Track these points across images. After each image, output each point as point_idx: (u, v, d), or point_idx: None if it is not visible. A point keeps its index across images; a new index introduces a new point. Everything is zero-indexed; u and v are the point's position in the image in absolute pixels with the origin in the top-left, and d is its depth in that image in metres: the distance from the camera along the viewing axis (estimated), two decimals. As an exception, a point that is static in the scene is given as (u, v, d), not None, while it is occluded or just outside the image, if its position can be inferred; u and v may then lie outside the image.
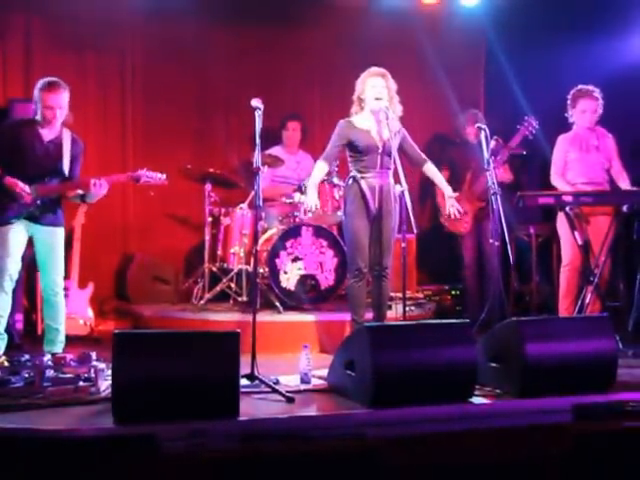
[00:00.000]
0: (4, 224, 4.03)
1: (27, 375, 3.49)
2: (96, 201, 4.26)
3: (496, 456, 3.02)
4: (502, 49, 6.13)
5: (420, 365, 3.35)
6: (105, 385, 3.44)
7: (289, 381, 3.76)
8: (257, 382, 3.60)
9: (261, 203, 3.94)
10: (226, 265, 5.51)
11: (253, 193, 4.26)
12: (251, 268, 5.02)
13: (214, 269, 5.51)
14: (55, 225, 4.17)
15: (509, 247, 4.30)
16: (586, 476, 2.95)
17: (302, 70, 6.36)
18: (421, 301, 5.80)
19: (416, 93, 5.40)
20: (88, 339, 4.99)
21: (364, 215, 4.38)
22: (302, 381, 3.75)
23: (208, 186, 5.57)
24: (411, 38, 6.22)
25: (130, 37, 5.99)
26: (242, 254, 5.42)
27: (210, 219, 5.59)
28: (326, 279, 5.23)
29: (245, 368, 3.49)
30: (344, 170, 4.69)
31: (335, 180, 5.28)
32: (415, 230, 4.19)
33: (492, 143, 4.65)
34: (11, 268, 4.04)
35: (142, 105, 6.31)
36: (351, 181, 4.47)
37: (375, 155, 4.38)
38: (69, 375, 3.47)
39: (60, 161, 4.12)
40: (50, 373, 3.46)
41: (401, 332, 3.55)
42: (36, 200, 4.04)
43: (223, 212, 5.60)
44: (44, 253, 4.16)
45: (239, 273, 5.43)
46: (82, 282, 5.22)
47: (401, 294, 4.35)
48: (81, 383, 3.43)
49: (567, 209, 4.72)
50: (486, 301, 4.58)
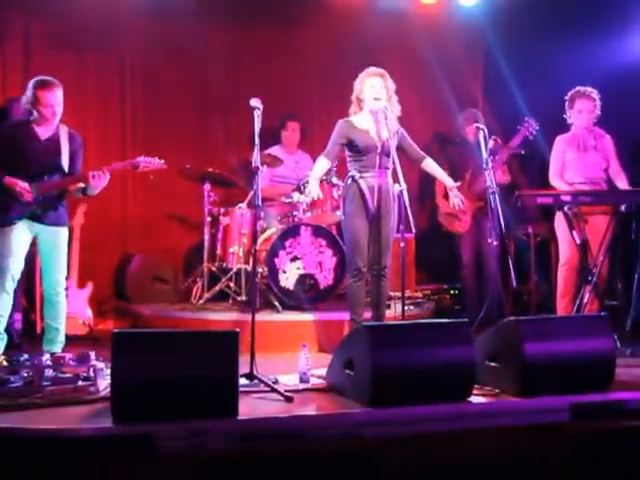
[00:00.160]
0: (7, 224, 4.03)
1: (26, 375, 3.48)
2: (97, 193, 4.23)
3: (494, 455, 3.03)
4: (501, 49, 6.14)
5: (419, 364, 3.35)
6: (104, 384, 3.44)
7: (288, 380, 3.76)
8: (256, 381, 3.61)
9: (260, 203, 3.94)
10: (225, 265, 5.51)
11: (252, 193, 4.26)
12: (250, 267, 5.03)
13: (213, 269, 5.52)
14: (59, 225, 4.17)
15: (507, 246, 4.31)
16: (584, 475, 2.96)
17: (301, 70, 6.37)
18: (420, 300, 5.81)
19: (415, 93, 5.41)
20: (87, 338, 5.00)
21: (363, 215, 4.39)
22: (301, 380, 3.75)
23: (207, 186, 5.57)
24: (410, 38, 6.23)
25: (129, 37, 5.99)
26: (241, 254, 5.42)
27: (209, 219, 5.59)
28: (325, 278, 5.24)
29: (244, 367, 3.49)
30: (343, 170, 4.70)
31: (334, 180, 5.28)
32: (414, 230, 4.19)
33: (491, 143, 4.65)
34: (13, 268, 4.04)
35: (141, 105, 6.33)
36: (350, 181, 4.47)
37: (374, 155, 4.39)
38: (68, 375, 3.46)
39: (59, 158, 4.12)
40: (49, 373, 3.45)
41: (400, 331, 3.55)
42: (37, 198, 4.04)
43: (222, 212, 5.61)
44: (47, 252, 4.15)
45: (238, 273, 5.43)
46: (81, 282, 5.23)
47: (400, 293, 4.36)
48: (80, 382, 3.43)
49: (565, 209, 4.73)
50: (484, 300, 4.58)
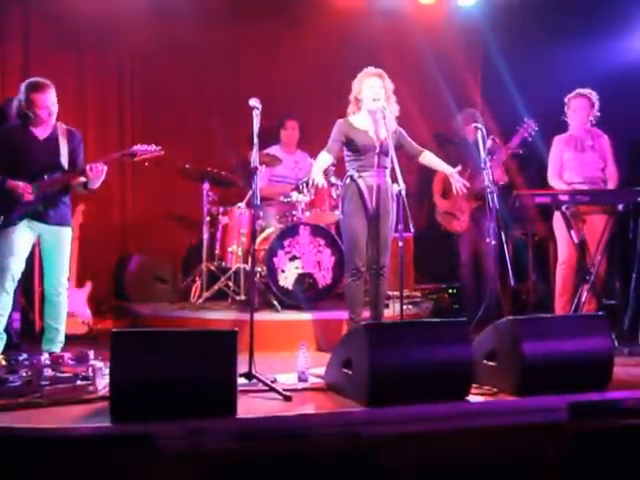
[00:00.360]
0: (9, 225, 4.03)
1: (25, 374, 3.48)
2: (98, 189, 4.23)
3: (493, 454, 3.04)
4: (499, 49, 6.14)
5: (417, 363, 3.35)
6: (103, 384, 3.44)
7: (286, 379, 3.77)
8: (255, 380, 3.61)
9: (259, 202, 3.95)
10: (224, 264, 5.51)
11: (251, 192, 4.26)
12: (249, 267, 5.03)
13: (212, 268, 5.52)
14: (62, 224, 4.16)
15: (505, 246, 4.31)
16: (582, 474, 2.97)
17: (300, 70, 6.36)
18: (418, 300, 5.82)
19: (413, 93, 5.41)
20: (86, 338, 5.01)
21: (362, 214, 4.39)
22: (299, 380, 3.76)
23: (206, 185, 5.58)
24: (408, 38, 6.25)
25: (129, 37, 5.98)
26: (240, 253, 5.43)
27: (208, 218, 5.60)
28: (324, 278, 5.24)
29: (243, 366, 3.49)
30: (342, 169, 4.70)
31: (333, 179, 5.29)
32: (412, 229, 4.18)
33: (489, 142, 4.66)
34: (14, 268, 4.04)
35: (141, 105, 6.33)
36: (349, 180, 4.47)
37: (372, 154, 4.39)
38: (67, 374, 3.47)
39: (58, 156, 4.11)
40: (48, 372, 3.45)
41: (398, 331, 3.55)
42: (39, 196, 4.03)
43: (221, 211, 5.61)
44: (50, 252, 4.15)
45: (237, 272, 5.44)
46: (80, 281, 5.24)
47: (398, 293, 4.36)
48: (79, 382, 3.43)
49: (563, 208, 4.74)
50: (483, 300, 4.58)
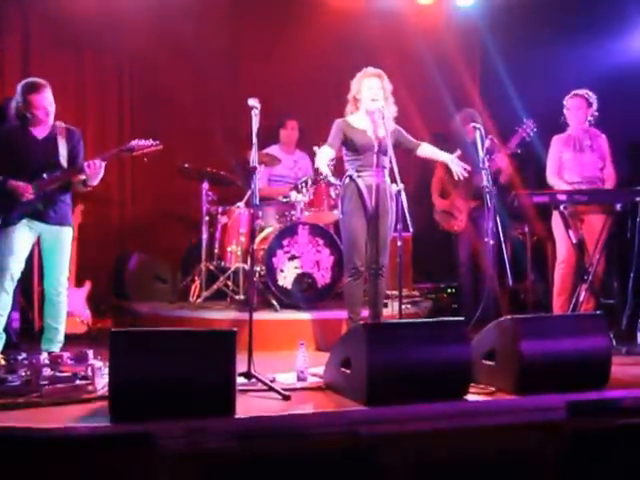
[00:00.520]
0: (9, 224, 4.04)
1: (24, 374, 3.48)
2: (97, 186, 4.23)
3: (491, 453, 3.05)
4: (498, 49, 6.15)
5: (415, 363, 3.35)
6: (102, 383, 3.44)
7: (285, 379, 3.77)
8: (254, 380, 3.62)
9: (258, 202, 3.96)
10: (223, 264, 5.52)
11: (250, 192, 4.27)
12: (248, 266, 5.04)
13: (211, 268, 5.53)
14: (62, 224, 4.16)
15: (504, 245, 4.32)
16: (581, 472, 2.98)
17: (299, 70, 6.36)
18: (417, 299, 5.82)
19: (412, 93, 5.40)
20: (85, 337, 5.01)
21: (361, 214, 4.40)
22: (298, 379, 3.76)
23: (205, 185, 5.59)
24: (407, 38, 6.24)
25: (128, 37, 5.98)
26: (239, 253, 5.43)
27: (207, 218, 5.60)
28: (323, 277, 5.25)
29: (242, 366, 3.50)
30: (341, 169, 4.71)
31: (331, 179, 5.29)
32: (411, 229, 4.19)
33: (487, 142, 4.66)
34: (13, 267, 4.03)
35: (140, 104, 6.34)
36: (348, 180, 4.48)
37: (371, 154, 4.40)
38: (66, 374, 3.47)
39: (57, 156, 4.11)
40: (47, 372, 3.45)
41: (397, 330, 3.55)
42: (39, 194, 4.04)
43: (220, 211, 5.61)
44: (50, 252, 4.15)
45: (236, 272, 5.44)
46: (79, 281, 5.24)
47: (397, 292, 4.36)
48: (78, 381, 3.43)
49: (561, 208, 4.74)
50: (481, 299, 4.59)
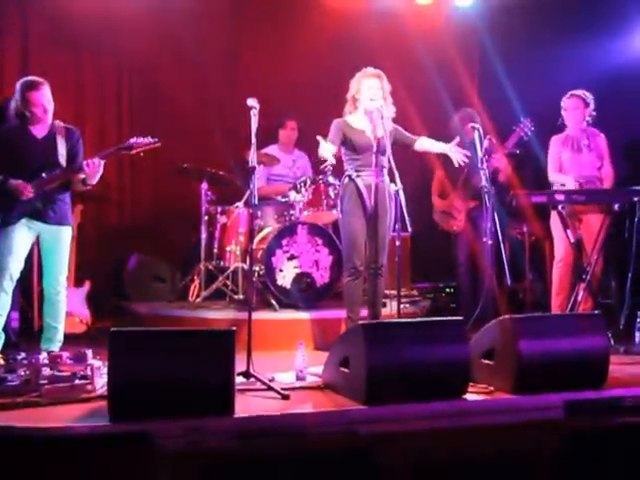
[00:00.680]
0: (9, 224, 4.04)
1: (23, 373, 3.48)
2: (96, 185, 4.23)
3: (489, 452, 3.05)
4: (496, 49, 6.15)
5: (414, 362, 3.36)
6: (101, 383, 3.45)
7: (284, 378, 3.78)
8: (252, 379, 3.62)
9: (257, 202, 3.96)
10: (222, 263, 5.53)
11: (249, 192, 4.28)
12: (247, 266, 5.04)
13: (210, 267, 5.53)
14: (61, 224, 4.16)
15: (502, 245, 4.33)
16: (579, 471, 2.99)
17: (298, 70, 6.36)
18: (415, 299, 5.83)
19: (411, 93, 5.40)
20: (85, 337, 5.01)
21: (360, 213, 4.41)
22: (297, 378, 3.77)
23: (204, 185, 5.59)
24: (406, 39, 6.24)
25: (127, 37, 5.98)
26: (238, 252, 5.44)
27: (206, 217, 5.61)
28: (321, 277, 5.25)
29: (241, 365, 3.50)
30: (339, 169, 4.72)
31: (330, 179, 5.30)
32: (410, 228, 4.20)
33: (486, 142, 4.67)
34: (12, 267, 4.03)
35: (139, 104, 6.34)
36: (347, 180, 4.49)
37: (370, 154, 4.41)
38: (65, 373, 3.47)
39: (56, 155, 4.11)
40: (46, 371, 3.46)
41: (395, 329, 3.55)
42: (38, 193, 4.03)
43: (219, 211, 5.62)
44: (49, 252, 4.15)
45: (235, 271, 5.45)
46: (79, 280, 5.24)
47: (396, 292, 4.37)
48: (77, 381, 3.43)
49: (559, 208, 4.75)
50: (480, 299, 4.60)
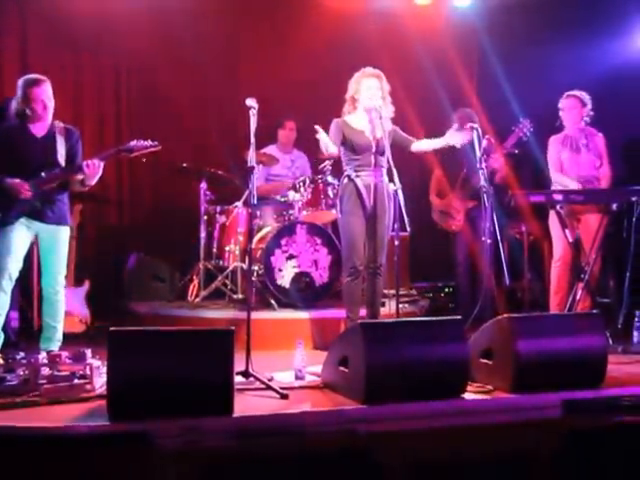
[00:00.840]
0: (7, 224, 4.03)
1: (23, 373, 3.49)
2: (95, 185, 4.22)
3: (488, 451, 3.06)
4: (495, 49, 6.16)
5: (413, 362, 3.37)
6: (100, 382, 3.46)
7: (283, 378, 3.79)
8: (252, 379, 3.63)
9: (256, 201, 3.97)
10: (221, 263, 5.53)
11: (248, 191, 4.28)
12: (246, 266, 5.05)
13: (209, 267, 5.54)
14: (60, 224, 4.16)
15: (501, 245, 4.33)
16: (577, 470, 2.99)
17: (297, 71, 6.36)
18: (414, 298, 5.84)
19: (409, 93, 5.41)
20: (84, 336, 5.01)
21: (360, 213, 4.41)
22: (296, 378, 3.78)
23: (204, 184, 5.60)
24: (405, 39, 6.25)
25: (126, 37, 5.99)
26: (237, 252, 5.44)
27: (205, 217, 5.62)
28: (320, 276, 5.25)
29: (240, 365, 3.51)
30: (338, 169, 4.72)
31: (329, 179, 5.31)
32: (408, 228, 4.20)
33: (484, 142, 4.67)
34: (11, 267, 4.03)
35: (138, 104, 6.34)
36: (346, 180, 4.49)
37: (369, 154, 4.41)
38: (64, 373, 3.48)
39: (55, 155, 4.11)
40: (45, 371, 3.47)
41: (394, 329, 3.56)
42: (36, 193, 4.03)
43: (219, 210, 5.63)
44: (47, 251, 4.14)
45: (234, 271, 5.46)
46: (78, 280, 5.25)
47: (394, 291, 4.38)
48: (76, 381, 3.44)
49: (558, 207, 4.76)
50: (478, 298, 4.61)
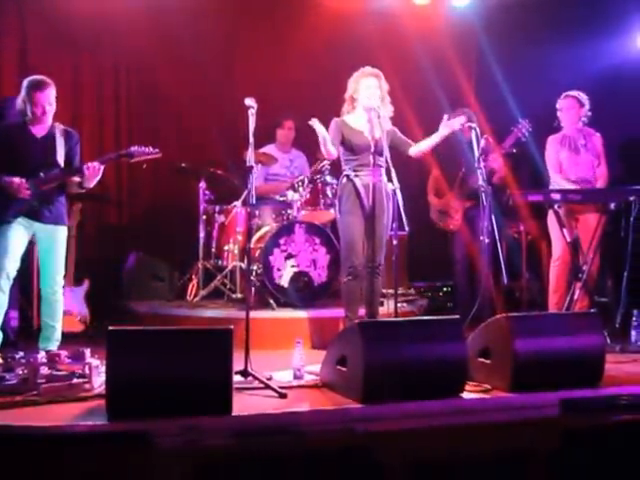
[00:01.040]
0: (5, 223, 4.03)
1: (22, 372, 3.50)
2: (94, 187, 4.23)
3: (486, 451, 3.06)
4: (493, 49, 6.16)
5: (411, 361, 3.38)
6: (99, 382, 3.46)
7: (282, 377, 3.79)
8: (250, 378, 3.64)
9: (254, 201, 3.97)
10: (220, 262, 5.54)
11: (247, 191, 4.29)
12: (245, 265, 5.05)
13: (208, 266, 5.55)
14: (57, 224, 4.16)
15: (499, 244, 4.34)
16: (575, 469, 3.00)
17: (295, 70, 6.36)
18: (413, 297, 5.85)
19: (407, 93, 5.41)
20: (83, 336, 5.01)
21: (359, 213, 4.41)
22: (295, 377, 3.78)
23: (202, 184, 5.61)
24: (403, 38, 6.25)
25: (125, 37, 5.99)
26: (236, 251, 5.45)
27: (204, 217, 5.63)
28: (319, 276, 5.26)
29: (238, 364, 3.52)
30: (337, 169, 4.73)
31: (328, 178, 5.31)
32: (407, 228, 4.21)
33: (482, 142, 4.68)
34: (9, 267, 4.03)
35: (137, 104, 6.35)
36: (345, 180, 4.50)
37: (368, 154, 4.41)
38: (63, 372, 3.49)
39: (54, 156, 4.12)
40: (44, 370, 3.47)
41: (392, 328, 3.58)
42: (35, 193, 4.03)
43: (217, 210, 5.63)
44: (45, 251, 4.15)
45: (233, 270, 5.47)
46: (78, 279, 5.25)
47: (393, 291, 4.38)
48: (75, 380, 3.45)
49: (556, 207, 4.77)
50: (476, 297, 4.61)
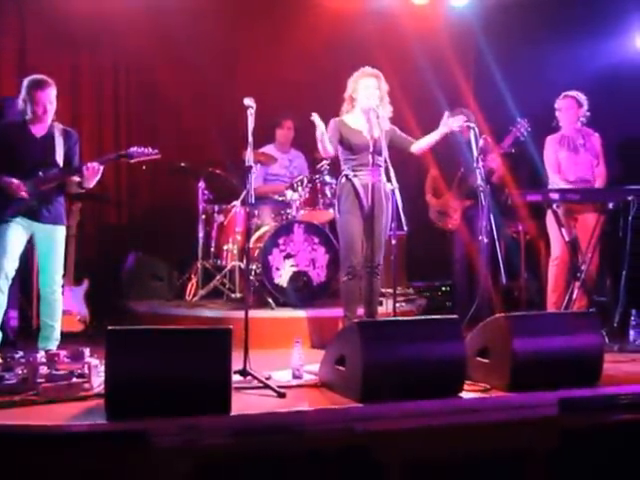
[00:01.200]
0: (3, 222, 4.03)
1: (21, 372, 3.49)
2: (93, 187, 4.22)
3: (485, 450, 3.07)
4: (492, 49, 6.17)
5: (410, 360, 3.38)
6: (98, 381, 3.46)
7: (281, 376, 3.80)
8: (249, 377, 3.64)
9: (253, 201, 3.98)
10: (219, 262, 5.55)
11: (246, 191, 4.29)
12: (244, 265, 5.06)
13: (207, 266, 5.55)
14: (56, 223, 4.16)
15: (497, 244, 4.35)
16: (573, 468, 3.02)
17: (295, 70, 6.36)
18: (411, 297, 5.85)
19: (406, 93, 5.42)
20: (82, 335, 5.01)
21: (358, 213, 4.42)
22: (294, 376, 3.79)
23: (202, 184, 5.61)
24: (402, 38, 6.25)
25: (124, 36, 6.00)
26: (235, 251, 5.45)
27: (203, 216, 5.63)
28: (318, 275, 5.26)
29: (237, 363, 3.52)
30: (336, 169, 4.73)
31: (327, 178, 5.32)
32: (405, 227, 4.22)
33: (481, 142, 4.68)
34: (7, 266, 4.03)
35: (136, 104, 6.35)
36: (344, 179, 4.50)
37: (366, 153, 4.42)
38: (62, 372, 3.48)
39: (54, 155, 4.12)
40: (43, 370, 3.47)
41: (391, 328, 3.57)
42: (34, 192, 4.03)
43: (217, 209, 5.64)
44: (44, 251, 4.15)
45: (232, 270, 5.47)
46: (77, 279, 5.25)
47: (392, 290, 4.39)
48: (74, 379, 3.44)
49: (554, 206, 4.78)
50: (475, 297, 4.62)
